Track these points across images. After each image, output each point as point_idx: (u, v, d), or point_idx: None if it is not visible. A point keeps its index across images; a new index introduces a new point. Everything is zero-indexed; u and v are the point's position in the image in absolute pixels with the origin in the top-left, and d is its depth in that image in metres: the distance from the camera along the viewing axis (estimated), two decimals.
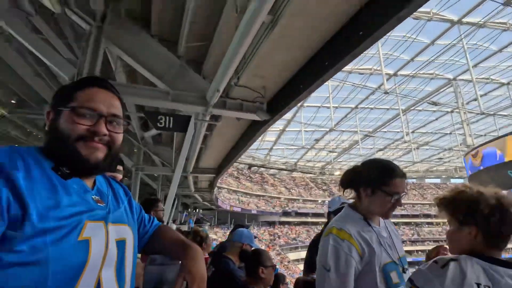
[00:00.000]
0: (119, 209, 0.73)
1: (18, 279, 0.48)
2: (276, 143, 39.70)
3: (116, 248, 0.65)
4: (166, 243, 0.85)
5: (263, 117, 5.48)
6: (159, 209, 2.40)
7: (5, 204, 0.49)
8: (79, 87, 0.68)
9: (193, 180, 14.70)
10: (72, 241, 0.55)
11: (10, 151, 0.57)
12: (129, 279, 0.68)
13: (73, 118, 0.64)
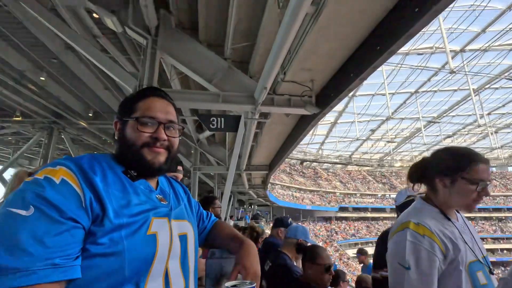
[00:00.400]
0: (179, 207, 0.80)
1: (101, 267, 0.56)
2: (328, 137, 38.42)
3: (179, 242, 0.71)
4: (223, 238, 0.91)
5: (312, 111, 5.36)
6: (216, 206, 2.54)
7: (89, 204, 0.58)
8: (139, 98, 0.77)
9: (246, 178, 15.10)
10: (142, 235, 0.62)
11: (89, 158, 0.67)
12: (193, 270, 0.74)
13: (137, 127, 0.72)
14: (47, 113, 9.94)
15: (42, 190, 0.54)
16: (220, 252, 0.87)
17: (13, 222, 0.50)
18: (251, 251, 0.79)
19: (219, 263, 0.84)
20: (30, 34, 6.06)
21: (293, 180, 44.97)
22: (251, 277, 0.71)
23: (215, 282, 0.82)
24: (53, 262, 0.50)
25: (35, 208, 0.52)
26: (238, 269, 0.74)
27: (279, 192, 39.66)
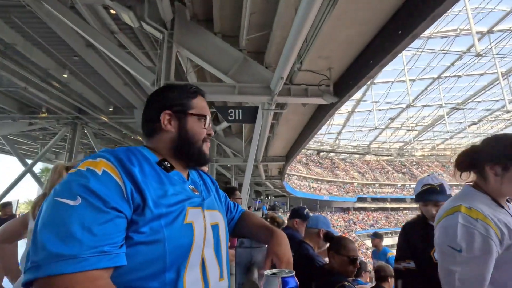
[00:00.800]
0: (210, 197, 0.82)
1: (144, 254, 0.59)
2: (345, 126, 37.69)
3: (211, 231, 0.74)
4: (252, 228, 0.94)
5: (330, 100, 5.26)
6: (237, 197, 2.58)
7: (130, 194, 0.60)
8: (190, 95, 0.82)
9: (263, 169, 15.16)
10: (180, 224, 0.65)
11: (126, 150, 0.69)
12: (225, 258, 0.77)
13: (199, 124, 0.80)
14: (71, 109, 10.33)
15: (87, 181, 0.56)
16: (248, 242, 0.89)
17: (63, 212, 0.53)
18: (283, 241, 0.80)
19: (249, 252, 0.86)
20: (53, 33, 6.26)
21: (309, 170, 44.70)
22: (285, 266, 0.73)
23: (245, 270, 0.84)
24: (102, 250, 0.52)
25: (81, 198, 0.54)
26: (271, 258, 0.75)
27: (295, 183, 39.61)
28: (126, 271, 0.57)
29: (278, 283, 0.55)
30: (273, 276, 0.57)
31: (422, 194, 1.63)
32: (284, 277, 0.56)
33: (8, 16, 5.82)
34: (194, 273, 0.64)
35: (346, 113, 33.73)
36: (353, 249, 1.64)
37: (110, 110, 10.93)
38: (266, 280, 0.58)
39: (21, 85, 7.94)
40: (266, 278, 0.58)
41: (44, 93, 8.60)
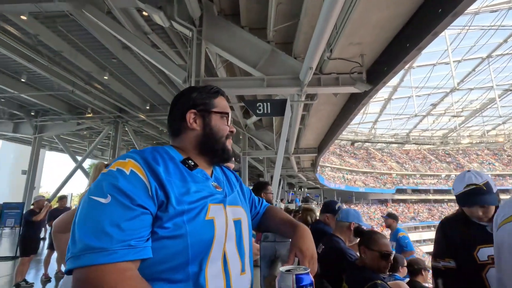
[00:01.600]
0: (233, 193, 0.85)
1: (168, 248, 0.63)
2: (382, 114, 35.82)
3: (234, 226, 0.76)
4: (276, 222, 0.95)
5: (363, 88, 5.03)
6: (269, 191, 2.58)
7: (154, 192, 0.65)
8: (212, 95, 0.86)
9: (295, 161, 15.05)
10: (201, 220, 0.68)
11: (151, 151, 0.74)
12: (248, 252, 0.79)
13: (222, 121, 0.84)
14: (112, 108, 11.08)
15: (116, 180, 0.62)
16: (273, 236, 0.90)
17: (95, 209, 0.59)
18: (306, 235, 0.80)
19: (273, 246, 0.87)
20: (93, 38, 6.72)
21: (343, 162, 43.43)
22: (308, 260, 0.73)
23: (269, 264, 0.85)
24: (129, 244, 0.57)
25: (111, 197, 0.60)
26: (294, 252, 0.76)
27: (329, 175, 38.79)
28: (152, 263, 0.62)
29: (292, 280, 0.56)
30: (288, 273, 0.57)
31: (466, 197, 1.45)
32: (298, 274, 0.56)
33: (55, 26, 6.35)
34: (215, 267, 0.67)
35: (382, 100, 32.00)
36: (385, 244, 1.57)
37: (147, 108, 11.53)
38: (280, 277, 0.58)
39: (69, 89, 8.68)
40: (281, 275, 0.58)
41: (88, 95, 9.31)
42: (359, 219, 2.03)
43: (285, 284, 0.56)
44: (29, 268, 5.02)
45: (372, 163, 45.34)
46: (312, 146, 12.95)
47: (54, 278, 5.34)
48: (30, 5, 5.02)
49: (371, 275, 1.49)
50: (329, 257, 1.80)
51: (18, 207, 8.01)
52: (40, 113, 12.20)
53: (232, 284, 0.69)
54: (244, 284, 0.73)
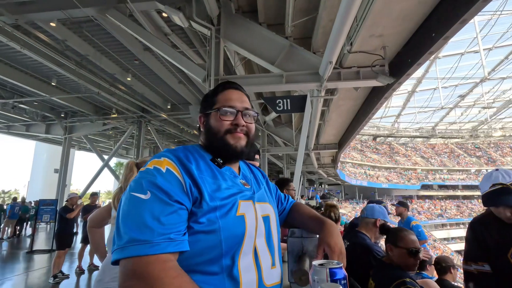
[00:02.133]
0: (260, 190, 0.87)
1: (203, 242, 0.67)
2: (405, 108, 34.51)
3: (263, 222, 0.78)
4: (303, 218, 0.96)
5: (386, 81, 4.87)
6: (291, 188, 2.60)
7: (189, 189, 0.68)
8: (217, 92, 0.85)
9: (315, 157, 14.87)
10: (233, 216, 0.71)
11: (183, 150, 0.79)
12: (277, 247, 0.81)
13: (219, 116, 0.81)
14: (135, 109, 11.47)
15: (154, 178, 0.66)
16: (299, 232, 0.91)
17: (137, 204, 0.63)
18: (334, 231, 0.81)
19: (300, 241, 0.88)
20: (116, 41, 6.97)
21: (365, 157, 42.36)
22: (337, 256, 0.73)
23: (297, 259, 0.86)
24: (169, 237, 0.61)
25: (151, 193, 0.64)
26: (323, 248, 0.77)
27: (350, 170, 38.01)
28: (189, 256, 0.65)
29: (326, 274, 0.56)
30: (321, 267, 0.58)
31: (492, 197, 1.40)
32: (331, 268, 0.57)
33: (81, 31, 6.65)
34: (247, 260, 0.70)
35: (406, 93, 30.80)
36: (412, 241, 1.53)
37: (168, 108, 11.82)
38: (314, 271, 0.59)
39: (95, 90, 9.08)
40: (314, 269, 0.59)
41: (113, 96, 9.69)
42: (384, 215, 1.99)
43: (319, 277, 0.57)
44: (64, 261, 5.35)
45: (396, 158, 43.89)
46: (333, 141, 12.75)
47: (87, 270, 5.65)
48: (58, 12, 5.29)
49: (399, 272, 1.46)
50: (355, 253, 1.78)
51: (53, 204, 8.54)
52: (69, 114, 12.86)
53: (263, 277, 0.71)
54: (274, 277, 0.75)
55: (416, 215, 36.27)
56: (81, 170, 32.12)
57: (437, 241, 31.27)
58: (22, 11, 5.34)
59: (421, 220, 35.27)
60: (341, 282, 0.57)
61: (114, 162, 26.88)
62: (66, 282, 4.98)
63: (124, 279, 0.58)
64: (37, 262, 6.57)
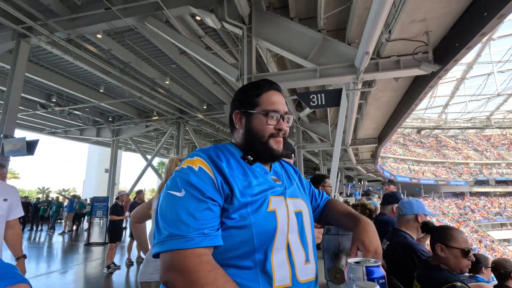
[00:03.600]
0: (292, 186, 0.87)
1: (235, 237, 0.69)
2: (454, 97, 31.67)
3: (295, 218, 0.78)
4: (338, 215, 0.93)
5: (430, 69, 4.51)
6: (327, 184, 2.54)
7: (220, 186, 0.70)
8: (259, 91, 0.84)
9: (353, 152, 14.33)
10: (264, 212, 0.70)
11: (215, 148, 0.81)
12: (311, 243, 0.80)
13: (264, 120, 0.81)
14: (174, 110, 12.05)
15: (188, 176, 0.70)
16: (335, 229, 0.88)
17: (173, 202, 0.67)
18: (369, 228, 0.78)
19: (336, 238, 0.85)
20: (154, 47, 7.38)
21: (408, 151, 39.77)
22: (371, 254, 0.70)
23: (333, 257, 0.84)
24: (203, 232, 0.64)
25: (185, 191, 0.68)
26: (357, 246, 0.74)
27: (392, 166, 35.99)
28: (222, 251, 0.67)
29: (362, 272, 0.54)
30: (357, 265, 0.56)
31: None
32: (368, 266, 0.54)
33: (123, 40, 7.15)
34: (280, 256, 0.70)
35: (454, 81, 28.25)
36: (465, 240, 1.40)
37: (204, 108, 12.23)
38: (349, 268, 0.57)
39: (137, 95, 9.71)
40: (350, 266, 0.57)
41: (153, 99, 10.28)
42: (423, 209, 1.86)
43: (355, 276, 0.55)
44: (115, 253, 5.82)
45: (444, 152, 40.56)
46: (372, 136, 12.17)
47: (136, 262, 6.09)
48: (104, 24, 5.73)
49: (447, 275, 1.35)
50: (396, 253, 1.68)
51: (104, 201, 9.34)
52: (116, 118, 13.93)
53: (297, 272, 0.71)
54: (309, 273, 0.74)
55: (470, 213, 33.23)
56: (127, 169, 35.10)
57: (495, 242, 28.33)
58: (73, 26, 5.89)
59: (475, 218, 32.21)
60: (378, 281, 0.54)
61: (156, 162, 28.51)
62: (118, 272, 5.43)
63: (164, 271, 0.62)
64: (93, 253, 7.24)
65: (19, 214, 2.04)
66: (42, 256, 7.02)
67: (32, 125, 13.92)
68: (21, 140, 5.75)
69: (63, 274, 5.38)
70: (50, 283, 4.75)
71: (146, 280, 1.69)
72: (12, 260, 2.00)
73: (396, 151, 38.93)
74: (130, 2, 5.52)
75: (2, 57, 7.10)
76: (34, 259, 6.44)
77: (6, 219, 1.95)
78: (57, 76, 9.04)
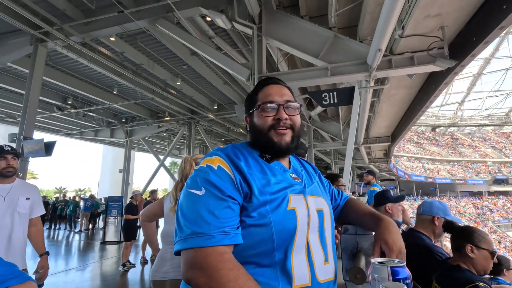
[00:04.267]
0: (312, 184, 0.86)
1: (255, 235, 0.69)
2: (470, 93, 30.73)
3: (316, 216, 0.77)
4: (358, 215, 0.91)
5: (445, 65, 4.39)
6: (340, 184, 2.51)
7: (239, 184, 0.70)
8: (257, 90, 0.87)
9: (365, 151, 14.11)
10: (283, 210, 0.70)
11: (232, 147, 0.82)
12: (330, 243, 0.79)
13: (261, 113, 0.81)
14: (185, 111, 12.18)
15: (207, 175, 0.70)
16: (353, 228, 0.87)
17: (193, 200, 0.68)
18: (392, 228, 0.76)
19: (354, 238, 0.84)
20: (166, 49, 7.48)
21: (422, 150, 38.85)
22: (395, 254, 0.69)
23: (351, 257, 0.83)
24: (224, 230, 0.64)
25: (205, 189, 0.68)
26: (380, 246, 0.73)
27: (405, 165, 35.23)
28: (242, 249, 0.68)
29: (387, 273, 0.53)
30: (382, 265, 0.54)
31: None
32: (393, 267, 0.53)
33: (135, 42, 7.28)
34: (300, 255, 0.69)
35: (470, 76, 27.43)
36: (491, 241, 1.37)
37: (215, 108, 12.31)
38: (373, 269, 0.55)
39: (149, 96, 9.86)
40: (374, 267, 0.56)
41: (165, 100, 10.42)
42: (445, 212, 1.78)
43: (380, 276, 0.53)
44: (130, 251, 5.94)
45: (460, 150, 39.42)
46: (385, 134, 11.95)
47: (150, 261, 6.20)
48: (117, 27, 5.85)
49: (469, 275, 1.31)
50: (413, 255, 1.64)
51: (119, 200, 9.54)
52: (129, 119, 14.19)
53: (316, 272, 0.70)
54: (328, 273, 0.74)
55: (488, 213, 32.18)
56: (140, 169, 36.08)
57: None
58: (87, 29, 6.04)
59: (494, 218, 31.16)
60: (404, 281, 0.53)
61: (168, 162, 28.91)
62: (133, 270, 5.54)
63: (186, 269, 0.62)
64: (109, 252, 7.41)
65: (41, 212, 2.11)
66: (60, 254, 7.25)
67: (49, 127, 14.35)
68: (39, 142, 5.94)
69: (80, 271, 5.53)
70: (69, 280, 4.89)
71: (159, 279, 1.68)
72: (35, 256, 2.07)
73: (410, 149, 38.10)
74: (142, 5, 5.61)
75: (21, 61, 7.35)
76: (53, 257, 6.65)
77: (29, 217, 2.02)
78: (72, 79, 9.30)
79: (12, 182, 1.99)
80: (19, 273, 0.76)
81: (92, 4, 5.80)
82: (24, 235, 1.98)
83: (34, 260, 2.07)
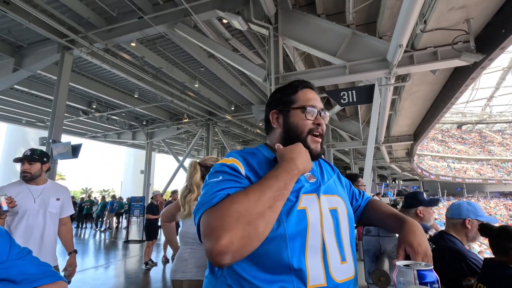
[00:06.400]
0: (328, 183, 0.85)
1: (270, 232, 0.67)
2: (499, 88, 29.08)
3: (330, 216, 0.75)
4: (381, 216, 0.89)
5: (472, 60, 4.19)
6: (360, 184, 2.46)
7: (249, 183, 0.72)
8: (296, 90, 0.87)
9: (386, 150, 13.71)
10: (295, 210, 0.71)
11: (247, 150, 0.85)
12: (348, 243, 0.77)
13: (302, 115, 0.82)
14: (203, 112, 12.38)
15: (223, 167, 0.74)
16: (376, 230, 0.84)
17: (212, 184, 0.70)
18: (417, 230, 0.73)
19: (377, 240, 0.82)
20: (184, 52, 7.63)
21: (448, 148, 37.20)
22: (421, 257, 0.66)
23: (374, 259, 0.81)
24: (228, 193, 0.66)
25: (222, 176, 0.72)
26: (404, 248, 0.70)
27: (429, 164, 33.90)
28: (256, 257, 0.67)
29: (414, 276, 0.51)
30: (407, 268, 0.52)
31: None
32: (420, 270, 0.51)
33: (155, 47, 7.49)
34: (314, 255, 0.69)
35: (500, 70, 25.96)
36: None
37: (232, 109, 12.42)
38: (399, 272, 0.53)
39: (169, 99, 10.10)
40: (399, 269, 0.54)
41: (184, 103, 10.64)
42: (476, 213, 1.68)
43: (406, 279, 0.51)
44: (152, 250, 6.11)
45: (489, 148, 37.39)
46: (407, 133, 11.57)
47: (171, 260, 6.34)
48: (137, 33, 6.04)
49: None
50: (442, 258, 1.57)
51: (141, 200, 9.84)
52: (150, 122, 14.61)
53: (331, 272, 0.69)
54: (346, 273, 0.72)
55: None
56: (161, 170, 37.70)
57: None
58: (110, 36, 6.28)
59: None
60: (432, 286, 0.50)
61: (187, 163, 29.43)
62: (155, 269, 5.68)
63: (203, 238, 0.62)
64: (132, 250, 7.65)
65: (70, 212, 2.22)
66: (87, 252, 7.57)
67: (75, 130, 15.05)
68: (67, 145, 6.25)
69: (106, 269, 5.75)
70: (95, 277, 5.10)
71: (178, 279, 1.72)
72: (64, 254, 2.17)
73: (434, 148, 36.61)
74: (161, 10, 5.76)
75: (49, 68, 7.77)
76: (80, 254, 6.96)
77: (59, 217, 2.13)
78: (96, 84, 9.70)
79: (44, 183, 2.10)
80: (52, 273, 0.79)
81: (114, 12, 6.03)
82: (55, 233, 2.09)
83: (63, 257, 2.17)
